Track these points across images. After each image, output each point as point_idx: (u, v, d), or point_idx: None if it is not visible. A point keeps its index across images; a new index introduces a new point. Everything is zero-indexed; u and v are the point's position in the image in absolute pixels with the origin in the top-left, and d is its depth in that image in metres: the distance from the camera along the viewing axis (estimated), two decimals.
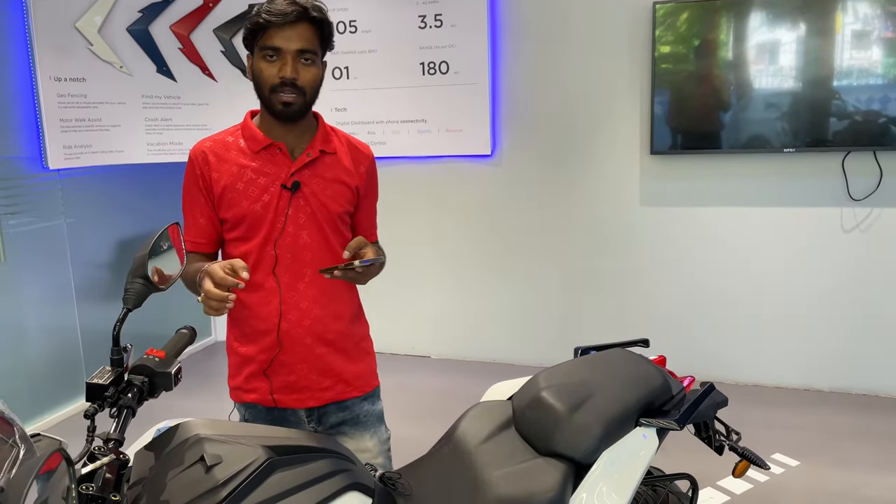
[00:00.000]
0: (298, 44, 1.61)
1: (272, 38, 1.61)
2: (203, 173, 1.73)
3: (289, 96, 1.63)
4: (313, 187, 1.71)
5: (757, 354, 4.00)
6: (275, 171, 1.70)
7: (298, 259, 1.72)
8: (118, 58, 3.97)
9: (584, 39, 3.98)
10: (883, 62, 3.48)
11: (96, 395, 1.27)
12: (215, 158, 1.72)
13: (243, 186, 1.70)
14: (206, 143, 1.76)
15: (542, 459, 1.55)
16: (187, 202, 1.78)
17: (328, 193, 1.73)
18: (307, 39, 1.62)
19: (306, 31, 1.62)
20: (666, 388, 1.71)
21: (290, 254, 1.71)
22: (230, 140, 1.75)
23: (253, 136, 1.72)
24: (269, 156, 1.70)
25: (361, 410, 1.83)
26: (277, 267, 1.71)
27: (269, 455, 1.26)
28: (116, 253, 4.24)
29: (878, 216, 3.69)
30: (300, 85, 1.63)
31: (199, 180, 1.74)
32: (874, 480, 3.00)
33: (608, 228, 4.13)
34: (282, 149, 1.70)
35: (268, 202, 1.69)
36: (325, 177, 1.73)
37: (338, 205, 1.74)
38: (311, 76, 1.65)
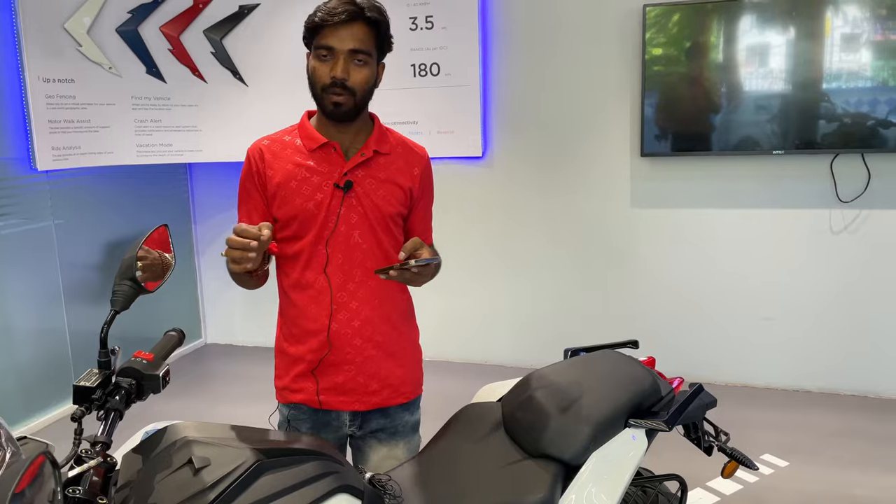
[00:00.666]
0: (352, 44, 1.60)
1: (326, 37, 1.60)
2: (259, 170, 1.73)
3: (339, 97, 1.62)
4: (366, 187, 1.70)
5: (746, 355, 4.02)
6: (328, 170, 1.69)
7: (349, 259, 1.71)
8: (107, 59, 3.95)
9: (575, 41, 4.00)
10: (871, 65, 3.50)
11: (83, 398, 1.26)
12: (271, 156, 1.73)
13: (297, 184, 1.69)
14: (264, 140, 1.77)
15: (532, 461, 1.55)
16: (242, 198, 1.78)
17: (381, 194, 1.71)
18: (360, 40, 1.61)
19: (361, 31, 1.61)
20: (655, 390, 1.71)
21: (342, 253, 1.70)
22: (287, 139, 1.75)
23: (309, 135, 1.72)
24: (324, 155, 1.70)
25: (401, 420, 1.82)
26: (329, 266, 1.71)
27: (257, 457, 1.26)
28: (105, 255, 4.22)
29: (866, 218, 3.72)
30: (350, 86, 1.62)
31: (255, 177, 1.74)
32: (863, 480, 3.02)
33: (599, 230, 4.14)
34: (336, 148, 1.70)
35: (320, 201, 1.69)
36: (378, 177, 1.72)
37: (390, 206, 1.73)
38: (363, 77, 1.63)
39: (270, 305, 5.34)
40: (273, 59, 4.32)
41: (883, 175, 3.65)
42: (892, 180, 3.64)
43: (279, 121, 4.66)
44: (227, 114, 4.36)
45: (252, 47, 4.31)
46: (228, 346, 5.01)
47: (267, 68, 4.33)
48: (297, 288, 1.74)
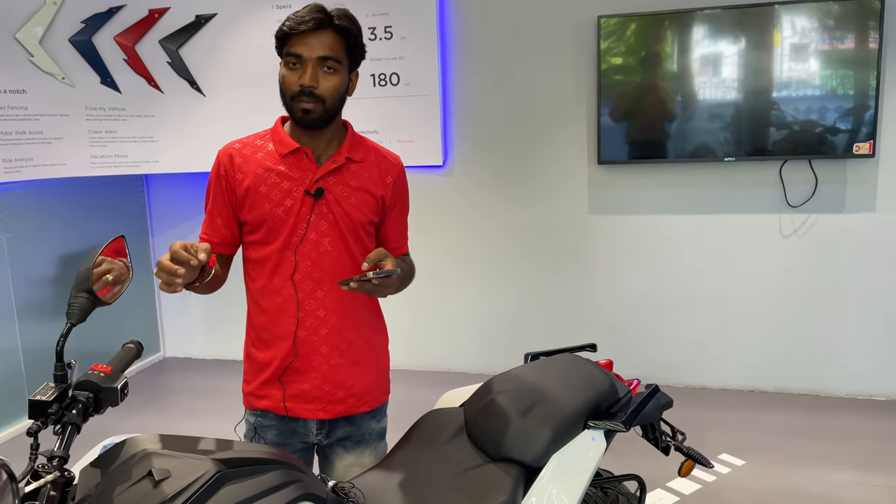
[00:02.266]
0: (320, 51, 1.60)
1: (295, 45, 1.60)
2: (227, 173, 1.72)
3: (307, 104, 1.61)
4: (337, 194, 1.70)
5: (702, 357, 4.10)
6: (299, 176, 1.69)
7: (318, 266, 1.70)
8: (60, 69, 3.89)
9: (533, 51, 4.06)
10: (818, 74, 3.63)
11: (39, 412, 1.24)
12: (241, 160, 1.72)
13: (266, 189, 1.69)
14: (235, 144, 1.76)
15: (494, 464, 1.57)
16: (209, 199, 1.77)
17: (352, 202, 1.71)
18: (329, 47, 1.61)
19: (330, 38, 1.61)
20: (612, 391, 1.75)
21: (310, 261, 1.70)
22: (259, 143, 1.74)
23: (281, 140, 1.71)
24: (295, 160, 1.70)
25: (367, 428, 1.82)
26: (296, 273, 1.70)
27: (218, 468, 1.25)
28: (59, 269, 4.13)
29: (814, 222, 3.84)
30: (319, 93, 1.61)
31: (222, 180, 1.73)
32: (818, 477, 3.11)
33: (558, 236, 4.20)
34: (308, 154, 1.69)
35: (290, 207, 1.68)
36: (350, 185, 1.71)
37: (361, 213, 1.72)
38: (332, 84, 1.63)
39: (230, 318, 5.31)
40: (231, 69, 4.30)
41: (829, 180, 3.77)
42: (838, 185, 3.77)
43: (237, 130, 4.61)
44: (184, 124, 4.32)
45: (209, 57, 4.28)
46: (188, 360, 4.94)
47: (225, 78, 4.30)
48: (264, 294, 1.73)
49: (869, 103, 3.56)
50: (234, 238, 1.77)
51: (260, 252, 1.73)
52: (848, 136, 3.62)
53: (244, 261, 1.80)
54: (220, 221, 1.75)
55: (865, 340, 3.87)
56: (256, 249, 1.74)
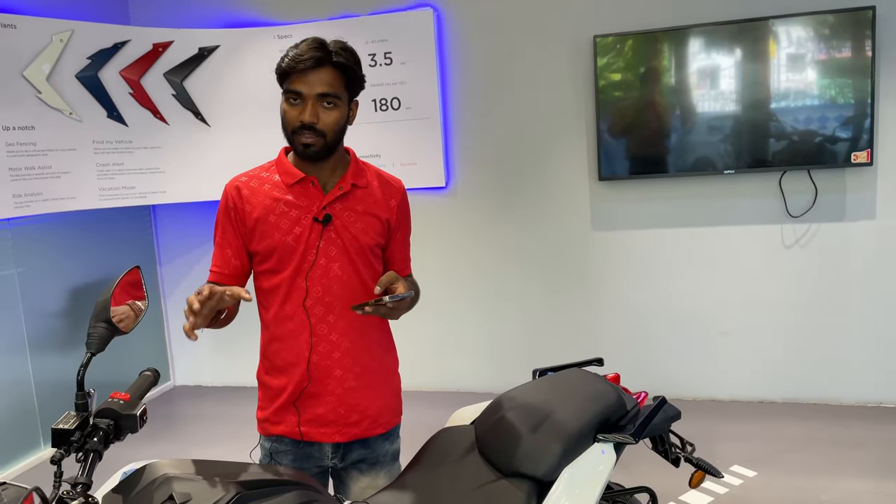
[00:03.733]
0: (320, 88, 1.63)
1: (294, 82, 1.64)
2: (236, 205, 1.76)
3: (308, 139, 1.66)
4: (344, 220, 1.73)
5: (709, 370, 4.11)
6: (307, 204, 1.72)
7: (329, 291, 1.73)
8: (67, 104, 3.96)
9: (531, 72, 4.12)
10: (814, 85, 3.68)
11: (62, 441, 1.28)
12: (249, 192, 1.75)
13: (275, 219, 1.72)
14: (242, 177, 1.80)
15: (506, 480, 1.59)
16: (218, 232, 1.80)
17: (359, 226, 1.75)
18: (328, 84, 1.64)
19: (329, 75, 1.64)
20: (621, 404, 1.78)
21: (321, 286, 1.73)
22: (265, 175, 1.78)
23: (286, 170, 1.75)
24: (302, 189, 1.73)
25: (381, 450, 1.84)
26: (308, 299, 1.73)
27: (238, 490, 1.28)
28: (70, 301, 4.17)
29: (816, 231, 3.87)
30: (320, 128, 1.65)
31: (231, 212, 1.77)
32: (830, 486, 3.11)
33: (562, 253, 4.23)
34: (314, 182, 1.73)
35: (299, 234, 1.72)
36: (356, 210, 1.75)
37: (369, 237, 1.76)
38: (333, 119, 1.67)
39: (238, 345, 5.32)
40: (235, 99, 4.37)
41: (829, 190, 3.80)
42: (838, 194, 3.81)
43: (242, 159, 4.69)
44: (190, 154, 4.39)
45: (213, 88, 4.36)
46: (197, 388, 4.97)
47: (228, 108, 4.38)
48: (277, 321, 1.76)
49: (865, 112, 3.61)
50: (244, 269, 1.81)
51: (271, 280, 1.76)
52: (846, 145, 3.66)
53: (256, 290, 1.82)
54: (230, 253, 1.79)
55: (872, 348, 3.88)
56: (268, 278, 1.77)
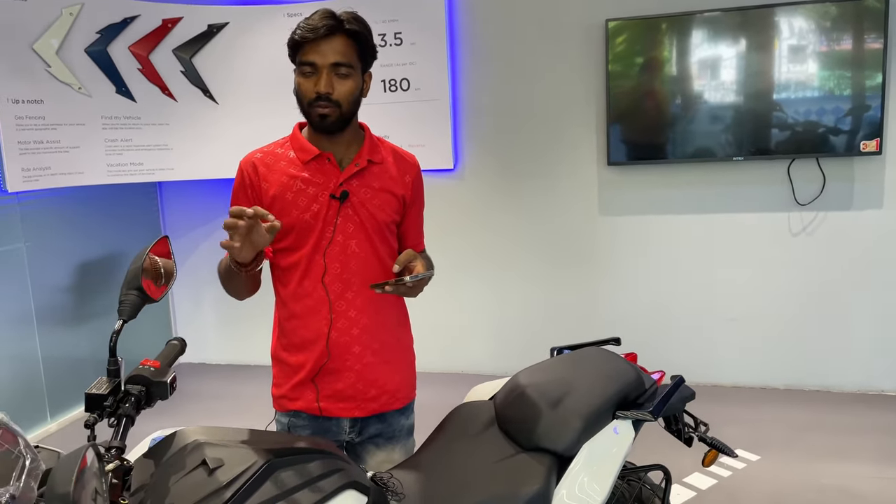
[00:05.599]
0: (333, 58, 1.63)
1: (308, 53, 1.64)
2: (252, 183, 1.75)
3: (324, 109, 1.65)
4: (361, 196, 1.74)
5: (713, 355, 4.14)
6: (324, 181, 1.72)
7: (347, 268, 1.74)
8: (76, 79, 3.94)
9: (541, 55, 4.11)
10: (825, 73, 3.67)
11: (95, 405, 1.29)
12: (265, 169, 1.75)
13: (293, 196, 1.72)
14: (257, 154, 1.78)
15: (526, 454, 1.61)
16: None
17: (376, 203, 1.75)
18: (341, 53, 1.64)
19: (341, 44, 1.64)
20: (639, 382, 1.80)
21: (339, 263, 1.74)
22: (280, 151, 1.77)
23: (302, 147, 1.75)
24: (318, 166, 1.73)
25: (398, 425, 1.86)
26: (326, 276, 1.74)
27: (268, 457, 1.30)
28: (77, 276, 4.18)
29: (823, 219, 3.88)
30: (335, 98, 1.65)
31: (248, 189, 1.76)
32: (832, 471, 3.15)
33: (568, 238, 4.24)
34: (330, 159, 1.73)
35: (317, 212, 1.72)
36: (372, 186, 1.76)
37: (385, 214, 1.77)
38: (347, 89, 1.66)
39: (242, 323, 5.34)
40: (243, 77, 4.36)
41: (837, 178, 3.82)
42: (846, 183, 3.82)
43: (250, 137, 4.69)
44: (197, 132, 4.38)
45: (222, 65, 4.34)
46: (202, 365, 4.98)
47: (237, 86, 4.37)
48: (295, 298, 1.77)
49: (875, 101, 3.61)
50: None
51: (289, 258, 1.76)
52: (855, 134, 3.67)
53: (273, 268, 1.83)
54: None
55: (875, 336, 3.91)
56: (285, 256, 1.77)
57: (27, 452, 1.15)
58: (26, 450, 1.15)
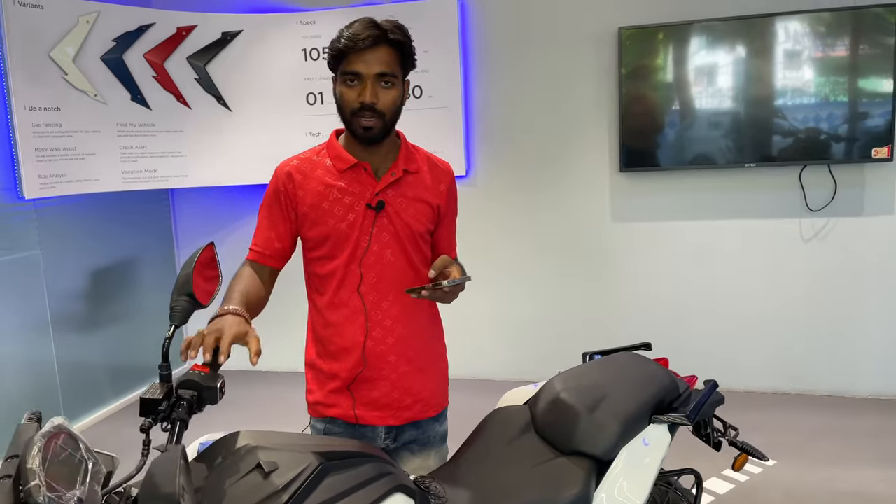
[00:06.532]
0: (378, 68, 1.63)
1: (352, 62, 1.63)
2: (287, 190, 1.76)
3: (369, 120, 1.65)
4: (396, 206, 1.74)
5: (726, 361, 4.16)
6: (360, 190, 1.73)
7: (383, 277, 1.75)
8: (92, 86, 3.96)
9: (554, 62, 4.14)
10: (837, 81, 3.71)
11: (150, 410, 1.31)
12: (301, 177, 1.75)
13: (329, 205, 1.73)
14: (293, 161, 1.79)
15: (565, 458, 1.63)
16: (264, 213, 1.80)
17: (411, 212, 1.76)
18: (386, 63, 1.64)
19: (386, 54, 1.64)
20: (674, 387, 1.82)
21: (375, 272, 1.74)
22: (316, 159, 1.78)
23: (338, 155, 1.75)
24: (355, 175, 1.73)
25: (432, 431, 1.87)
26: (362, 285, 1.74)
27: (321, 461, 1.31)
28: (93, 283, 4.19)
29: (834, 225, 3.91)
30: (379, 108, 1.65)
31: (281, 195, 1.76)
32: (844, 475, 3.17)
33: (581, 244, 4.27)
34: (367, 168, 1.73)
35: (353, 221, 1.72)
36: (407, 196, 1.76)
37: (420, 223, 1.78)
38: (391, 99, 1.66)
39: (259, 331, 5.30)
40: (257, 85, 4.38)
41: (848, 184, 3.85)
42: (857, 189, 3.85)
43: (264, 144, 4.70)
44: (211, 139, 4.40)
45: (236, 73, 4.37)
46: None
47: (251, 93, 4.39)
48: (331, 307, 1.78)
49: (886, 109, 3.65)
50: (285, 253, 1.81)
51: (326, 267, 1.77)
52: (866, 140, 3.71)
53: (308, 276, 1.84)
54: (273, 235, 1.78)
55: (887, 341, 3.94)
56: (322, 265, 1.78)
57: (89, 456, 1.17)
58: (87, 454, 1.17)
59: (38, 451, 1.03)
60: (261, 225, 1.81)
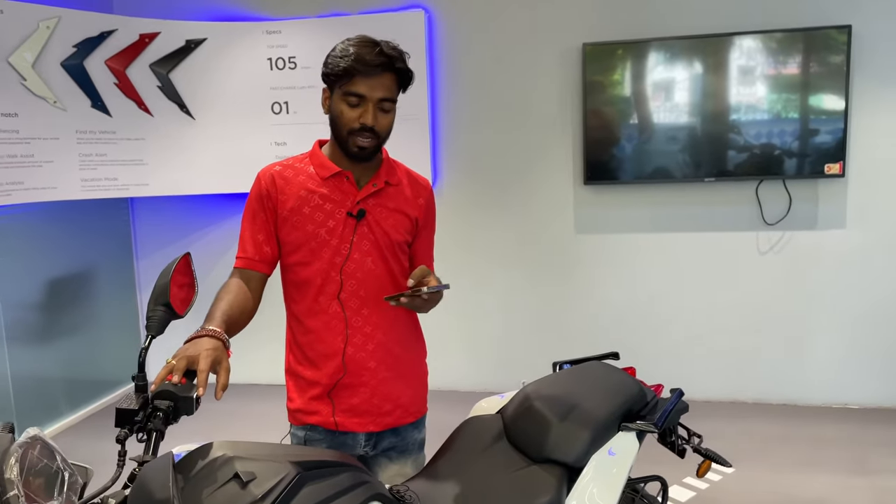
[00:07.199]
0: (381, 93, 1.68)
1: (357, 84, 1.66)
2: (270, 194, 1.77)
3: (365, 141, 1.70)
4: (377, 216, 1.78)
5: (684, 371, 4.25)
6: (341, 198, 1.76)
7: (364, 285, 1.77)
8: (52, 93, 3.89)
9: (519, 76, 4.21)
10: (792, 99, 3.85)
11: (125, 420, 1.29)
12: (283, 182, 1.77)
13: (309, 210, 1.75)
14: (276, 166, 1.81)
15: (537, 466, 1.65)
16: (248, 219, 1.80)
17: (390, 222, 1.80)
18: (389, 89, 1.69)
19: (389, 80, 1.69)
20: (642, 395, 1.86)
21: (356, 280, 1.77)
22: (299, 166, 1.80)
23: (322, 163, 1.78)
24: (337, 183, 1.77)
25: (410, 438, 1.89)
26: (343, 292, 1.76)
27: (298, 470, 1.31)
28: (49, 293, 4.09)
29: (789, 239, 4.04)
30: (377, 130, 1.70)
31: (265, 200, 1.78)
32: (801, 481, 3.26)
33: (545, 256, 4.32)
34: (349, 177, 1.77)
35: (332, 228, 1.75)
36: (388, 206, 1.80)
37: (398, 234, 1.81)
38: (388, 121, 1.72)
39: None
40: (221, 93, 4.35)
41: (803, 199, 3.98)
42: (811, 204, 3.99)
43: (227, 154, 4.66)
44: (174, 147, 4.35)
45: (200, 81, 4.33)
46: None
47: (215, 102, 4.35)
48: (310, 314, 1.79)
49: (838, 126, 3.79)
50: (274, 257, 1.81)
51: (303, 273, 1.78)
52: (819, 157, 3.84)
53: (286, 283, 1.84)
54: (262, 239, 1.79)
55: (838, 352, 4.07)
56: (299, 270, 1.79)
57: (65, 467, 1.16)
58: (63, 464, 1.16)
59: (15, 461, 1.02)
60: (247, 231, 1.81)
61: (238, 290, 1.71)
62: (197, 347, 1.44)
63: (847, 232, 3.96)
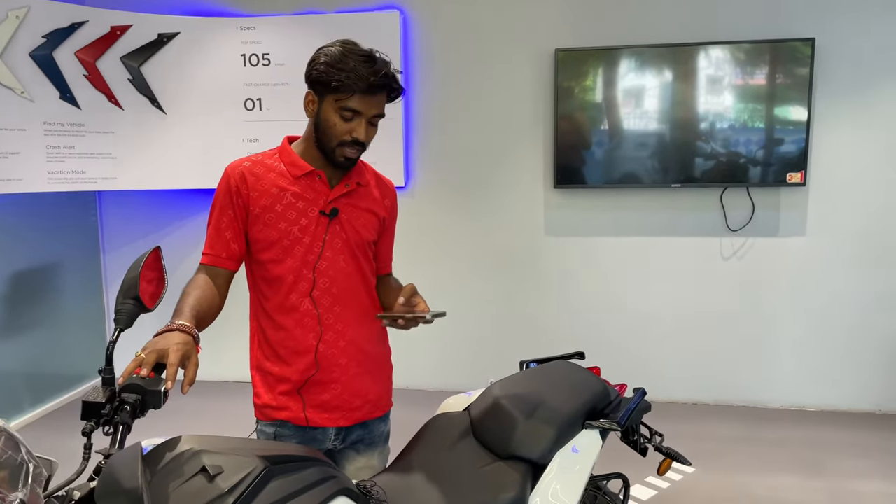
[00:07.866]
0: (376, 110, 1.71)
1: (353, 100, 1.67)
2: (240, 190, 1.76)
3: (353, 152, 1.73)
4: (348, 215, 1.81)
5: (648, 372, 4.31)
6: (314, 197, 1.78)
7: (336, 283, 1.80)
8: (19, 83, 3.83)
9: (493, 80, 4.25)
10: (755, 109, 3.94)
11: (92, 414, 1.29)
12: (254, 178, 1.77)
13: (282, 209, 1.76)
14: (245, 162, 1.80)
15: (503, 462, 1.69)
16: (216, 215, 1.79)
17: (361, 221, 1.83)
18: (382, 105, 1.73)
19: (383, 99, 1.73)
20: (606, 394, 1.90)
21: (328, 277, 1.79)
22: (269, 163, 1.80)
23: (294, 162, 1.79)
24: (309, 182, 1.78)
25: (377, 431, 1.93)
26: (315, 290, 1.78)
27: (265, 464, 1.33)
28: (12, 287, 4.03)
29: (752, 245, 4.13)
30: (364, 142, 1.73)
31: (234, 196, 1.77)
32: (761, 481, 3.34)
33: (515, 257, 4.37)
34: (321, 176, 1.78)
35: (305, 226, 1.77)
36: (359, 206, 1.84)
37: (369, 233, 1.85)
38: (374, 134, 1.75)
39: None
40: (193, 88, 4.32)
41: (765, 206, 4.08)
42: (774, 211, 4.08)
43: (198, 149, 4.63)
44: (143, 141, 4.31)
45: (171, 75, 4.30)
46: None
47: (187, 97, 4.32)
48: (281, 311, 1.79)
49: (801, 136, 3.89)
50: (241, 254, 1.81)
51: (275, 270, 1.79)
52: (782, 166, 3.94)
53: (255, 280, 1.84)
54: (229, 235, 1.78)
55: (796, 355, 4.18)
56: (271, 268, 1.79)
57: (30, 459, 1.16)
58: (28, 456, 1.16)
59: None
60: (214, 227, 1.80)
61: (206, 287, 1.71)
62: (167, 341, 1.43)
63: (807, 239, 4.07)
